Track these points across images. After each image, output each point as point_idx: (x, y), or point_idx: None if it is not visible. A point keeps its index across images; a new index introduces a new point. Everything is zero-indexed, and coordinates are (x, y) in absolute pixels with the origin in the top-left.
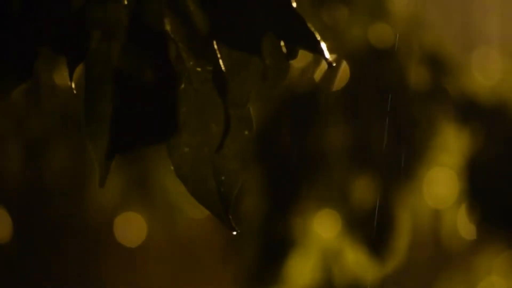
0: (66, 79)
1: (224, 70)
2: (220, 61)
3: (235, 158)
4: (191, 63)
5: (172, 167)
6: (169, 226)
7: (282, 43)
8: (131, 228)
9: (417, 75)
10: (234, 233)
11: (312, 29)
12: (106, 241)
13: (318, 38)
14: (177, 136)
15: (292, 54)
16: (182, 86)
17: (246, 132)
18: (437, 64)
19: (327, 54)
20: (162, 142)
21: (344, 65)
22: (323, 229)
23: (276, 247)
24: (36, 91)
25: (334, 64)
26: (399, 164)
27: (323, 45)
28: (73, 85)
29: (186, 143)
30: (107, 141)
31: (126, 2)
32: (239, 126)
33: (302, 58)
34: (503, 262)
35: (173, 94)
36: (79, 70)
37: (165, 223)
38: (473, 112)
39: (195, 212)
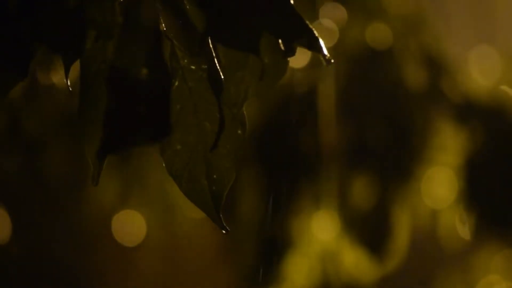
0: (64, 78)
1: (220, 69)
2: (216, 59)
3: (228, 156)
4: (185, 61)
5: (164, 164)
6: (168, 225)
7: (279, 41)
8: (129, 226)
9: (415, 75)
10: (224, 231)
11: (310, 26)
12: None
13: (316, 34)
14: (170, 134)
15: (290, 51)
16: (176, 83)
17: (239, 131)
18: (435, 64)
19: (325, 51)
20: (154, 143)
21: (343, 65)
22: (322, 229)
23: (274, 247)
24: (34, 90)
25: (333, 61)
26: (398, 164)
27: (321, 42)
28: (68, 83)
29: (179, 141)
30: (99, 140)
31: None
32: (233, 125)
33: (301, 59)
34: (501, 261)
35: (166, 94)
36: (76, 69)
37: (164, 222)
38: (471, 111)
39: (194, 211)
